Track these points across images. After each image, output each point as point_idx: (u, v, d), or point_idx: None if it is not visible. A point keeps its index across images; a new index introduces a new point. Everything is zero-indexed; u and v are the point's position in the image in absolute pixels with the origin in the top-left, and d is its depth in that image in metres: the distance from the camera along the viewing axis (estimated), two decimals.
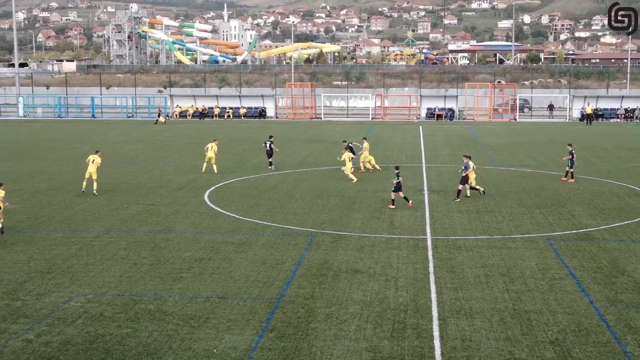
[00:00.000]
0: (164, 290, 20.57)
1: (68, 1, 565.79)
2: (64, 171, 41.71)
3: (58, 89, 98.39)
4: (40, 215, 30.42)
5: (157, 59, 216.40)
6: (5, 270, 22.60)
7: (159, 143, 55.54)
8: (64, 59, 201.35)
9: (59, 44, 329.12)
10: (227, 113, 79.56)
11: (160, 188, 36.65)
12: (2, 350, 16.41)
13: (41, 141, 55.51)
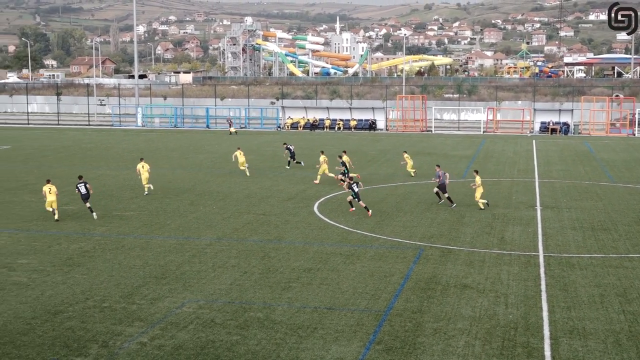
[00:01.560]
0: (273, 299, 20.84)
1: (186, 15, 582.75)
2: (179, 179, 42.87)
3: (175, 99, 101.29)
4: (155, 222, 31.35)
5: (270, 71, 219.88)
6: (122, 274, 23.40)
7: (270, 154, 56.37)
8: (181, 70, 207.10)
9: (177, 56, 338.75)
10: (338, 125, 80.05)
11: (271, 198, 37.18)
12: (118, 352, 16.99)
13: (158, 150, 57.24)
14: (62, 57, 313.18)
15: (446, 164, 50.28)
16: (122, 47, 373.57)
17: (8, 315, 19.54)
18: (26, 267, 24.35)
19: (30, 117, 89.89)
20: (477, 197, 34.46)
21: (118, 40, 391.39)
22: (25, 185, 40.88)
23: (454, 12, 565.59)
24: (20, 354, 16.94)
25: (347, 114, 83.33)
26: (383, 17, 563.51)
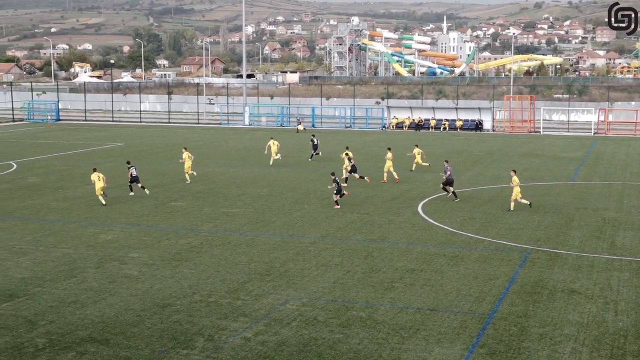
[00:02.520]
0: (376, 299, 20.84)
1: (293, 15, 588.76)
2: (284, 178, 43.36)
3: (281, 99, 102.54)
4: (261, 220, 31.83)
5: (375, 71, 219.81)
6: (228, 270, 23.87)
7: (375, 153, 56.32)
8: (287, 70, 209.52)
9: (284, 56, 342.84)
10: (443, 125, 79.30)
11: (375, 197, 37.17)
12: (223, 347, 17.34)
13: (264, 149, 58.08)
14: (174, 57, 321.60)
15: (555, 166, 49.17)
16: (231, 47, 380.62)
17: (119, 306, 20.24)
18: (137, 260, 25.15)
19: (142, 115, 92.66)
20: (512, 196, 33.81)
21: (227, 41, 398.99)
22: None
23: (565, 10, 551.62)
24: (130, 345, 17.51)
25: (452, 114, 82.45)
26: (491, 16, 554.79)
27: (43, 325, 18.86)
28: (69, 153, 56.66)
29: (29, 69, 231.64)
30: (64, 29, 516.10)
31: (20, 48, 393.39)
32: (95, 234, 29.27)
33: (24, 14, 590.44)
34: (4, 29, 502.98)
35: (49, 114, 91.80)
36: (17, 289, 21.88)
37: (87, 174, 44.69)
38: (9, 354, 17.02)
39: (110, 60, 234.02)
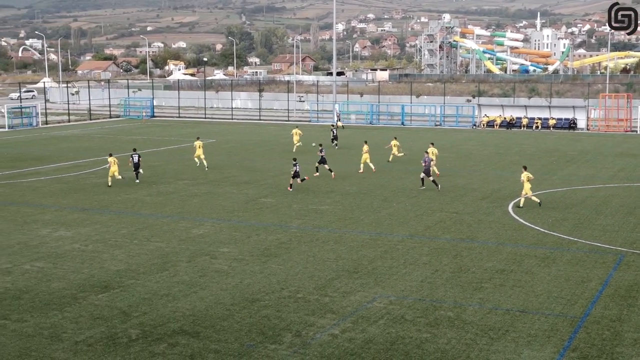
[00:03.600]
0: (464, 299, 20.65)
1: (384, 12, 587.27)
2: (373, 176, 43.32)
3: (371, 96, 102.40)
4: (349, 217, 31.90)
5: (466, 68, 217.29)
6: (317, 267, 24.03)
7: (465, 152, 55.74)
8: (377, 68, 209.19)
9: (374, 53, 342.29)
10: (536, 124, 77.76)
11: (464, 197, 36.78)
12: (310, 342, 17.48)
13: (353, 147, 58.11)
14: (265, 55, 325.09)
15: None
16: (322, 45, 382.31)
17: (210, 300, 20.62)
18: (227, 255, 25.57)
19: (233, 112, 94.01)
20: (523, 192, 33.58)
21: (318, 39, 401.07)
22: (227, 178, 42.86)
23: None
24: (219, 338, 17.83)
25: (545, 113, 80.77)
26: (587, 13, 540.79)
27: (136, 316, 19.39)
28: (163, 149, 57.98)
29: (125, 67, 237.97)
30: (160, 27, 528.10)
31: (118, 46, 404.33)
32: (187, 228, 29.89)
33: (121, 13, 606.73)
34: (102, 28, 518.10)
35: (144, 110, 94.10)
36: (112, 281, 22.56)
37: (181, 170, 45.75)
38: (104, 343, 17.56)
39: (204, 58, 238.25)
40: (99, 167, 47.45)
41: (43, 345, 17.52)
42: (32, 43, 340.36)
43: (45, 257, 25.47)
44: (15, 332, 18.37)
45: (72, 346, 17.43)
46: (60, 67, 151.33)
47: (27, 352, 17.08)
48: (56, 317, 19.37)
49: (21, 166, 47.84)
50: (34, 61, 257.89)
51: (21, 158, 51.84)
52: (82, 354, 16.98)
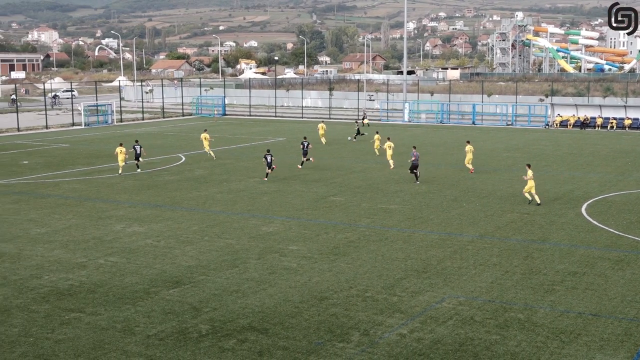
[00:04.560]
0: (535, 301, 20.35)
1: (455, 11, 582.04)
2: (442, 175, 43.00)
3: (441, 95, 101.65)
4: (418, 217, 31.75)
5: (539, 67, 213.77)
6: (385, 266, 23.99)
7: (537, 152, 54.87)
8: (448, 67, 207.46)
9: (445, 52, 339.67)
10: (611, 124, 76.08)
11: None
12: (378, 342, 17.46)
13: (423, 145, 57.81)
14: (335, 54, 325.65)
15: None
16: (392, 43, 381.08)
17: (278, 297, 20.78)
18: (296, 253, 25.72)
19: (304, 110, 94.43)
20: (525, 189, 34.45)
21: (388, 37, 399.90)
22: (297, 176, 43.08)
23: None
24: (288, 335, 17.95)
25: (621, 113, 78.93)
26: None
27: (207, 312, 19.66)
28: (234, 147, 58.62)
29: (198, 66, 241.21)
30: (232, 26, 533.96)
31: (191, 45, 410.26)
32: (257, 225, 30.17)
33: (194, 12, 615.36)
34: (176, 27, 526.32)
35: (215, 109, 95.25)
36: (183, 277, 22.92)
37: (251, 167, 46.19)
38: (175, 338, 17.86)
39: (275, 57, 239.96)
40: (172, 164, 48.24)
41: (116, 338, 17.91)
42: (108, 42, 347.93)
43: (119, 252, 26.03)
44: (89, 324, 18.83)
45: (144, 340, 17.78)
46: (134, 66, 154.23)
47: (100, 345, 17.49)
48: (129, 311, 19.78)
49: (97, 162, 48.97)
50: (109, 60, 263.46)
51: (97, 155, 53.05)
52: (154, 347, 17.31)
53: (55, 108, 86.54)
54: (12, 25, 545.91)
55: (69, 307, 20.14)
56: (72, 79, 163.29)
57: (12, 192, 38.35)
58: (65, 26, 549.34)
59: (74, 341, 17.72)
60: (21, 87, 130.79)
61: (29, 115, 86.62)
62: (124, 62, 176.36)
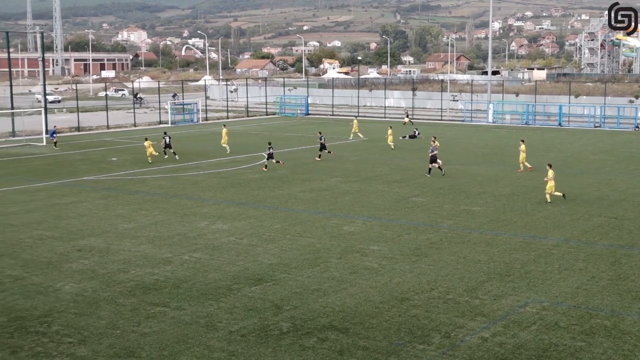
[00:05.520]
0: (622, 308, 19.84)
1: (542, 10, 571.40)
2: (527, 177, 42.29)
3: (527, 96, 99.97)
4: (502, 219, 31.31)
5: (629, 68, 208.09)
6: (467, 268, 23.74)
7: (627, 154, 53.43)
8: (534, 67, 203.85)
9: (531, 52, 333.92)
10: None
11: (625, 201, 35.27)
12: (459, 344, 17.31)
13: (507, 147, 56.99)
14: (419, 54, 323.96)
15: None
16: (477, 43, 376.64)
17: (359, 297, 20.80)
18: (377, 253, 25.69)
19: (386, 110, 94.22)
20: (547, 189, 34.61)
21: (473, 37, 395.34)
22: (379, 176, 43.02)
23: None
24: (368, 335, 17.96)
25: None
26: None
27: (288, 310, 19.82)
28: (316, 146, 58.88)
29: (281, 65, 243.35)
30: (316, 26, 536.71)
31: (275, 45, 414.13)
32: (339, 225, 30.25)
33: (279, 12, 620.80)
34: (260, 27, 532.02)
35: (299, 108, 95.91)
36: (265, 274, 23.17)
37: (333, 167, 46.34)
38: (257, 335, 18.07)
39: (358, 57, 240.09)
40: (256, 162, 48.78)
41: (199, 333, 18.23)
42: (195, 42, 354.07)
43: (202, 249, 26.47)
44: (174, 319, 19.21)
45: (226, 335, 18.05)
46: (220, 66, 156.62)
47: (184, 339, 17.83)
48: (212, 307, 20.10)
49: (182, 160, 49.90)
50: (195, 60, 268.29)
51: (182, 152, 54.05)
52: (236, 343, 17.55)
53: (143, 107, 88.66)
54: (103, 25, 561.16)
55: (154, 301, 20.61)
56: (159, 78, 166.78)
57: (101, 188, 39.43)
58: (153, 26, 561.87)
59: (158, 335, 18.12)
60: (111, 86, 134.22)
61: (118, 113, 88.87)
62: (209, 61, 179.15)
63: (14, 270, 23.93)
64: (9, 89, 70.85)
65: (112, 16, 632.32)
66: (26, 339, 17.95)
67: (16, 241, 27.79)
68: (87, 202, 35.50)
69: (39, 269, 23.98)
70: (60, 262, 24.79)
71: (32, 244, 27.40)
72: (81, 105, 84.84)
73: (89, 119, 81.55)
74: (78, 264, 24.54)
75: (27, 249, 26.68)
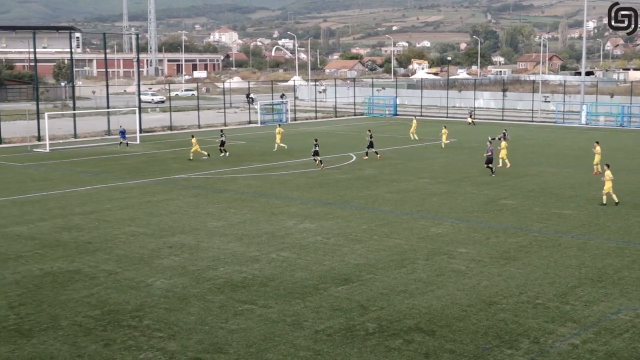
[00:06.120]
0: None
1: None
2: (622, 182, 41.10)
3: (622, 97, 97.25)
4: (594, 223, 30.55)
5: None
6: (557, 273, 23.26)
7: None
8: (630, 67, 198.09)
9: (627, 52, 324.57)
10: None
11: None
12: (549, 351, 16.98)
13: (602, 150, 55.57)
14: (510, 54, 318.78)
15: None
16: (570, 43, 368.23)
17: (446, 300, 20.62)
18: (465, 256, 25.42)
19: (476, 111, 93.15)
20: (604, 190, 34.33)
21: (566, 37, 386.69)
22: (467, 177, 42.55)
23: None
24: (454, 338, 17.79)
25: None
26: None
27: (374, 310, 19.81)
28: (404, 147, 58.70)
29: (370, 66, 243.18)
30: (405, 27, 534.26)
31: (364, 46, 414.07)
32: (426, 226, 30.06)
33: (368, 13, 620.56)
34: (350, 27, 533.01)
35: (387, 109, 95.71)
36: (351, 274, 23.21)
37: (421, 168, 46.09)
38: (342, 334, 18.12)
39: (447, 57, 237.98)
40: (343, 163, 48.92)
41: (286, 331, 18.40)
42: (284, 43, 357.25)
43: (290, 248, 26.70)
44: (261, 317, 19.44)
45: (312, 334, 18.16)
46: (309, 66, 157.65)
47: (271, 337, 18.02)
48: (298, 306, 20.25)
49: (271, 160, 50.45)
50: (285, 60, 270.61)
51: (271, 152, 54.65)
52: (322, 342, 17.63)
53: (252, 109, 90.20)
54: (196, 26, 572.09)
55: (242, 299, 20.89)
56: (249, 79, 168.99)
57: (192, 187, 40.21)
58: (244, 27, 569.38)
59: (246, 332, 18.37)
60: (202, 86, 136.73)
61: (209, 113, 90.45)
62: (298, 62, 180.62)
63: (107, 265, 24.65)
64: (105, 88, 72.94)
65: (204, 17, 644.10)
66: (119, 332, 18.46)
67: (110, 237, 28.61)
68: (178, 200, 36.27)
69: (132, 265, 24.63)
70: (152, 258, 25.40)
71: (126, 240, 28.16)
72: (173, 105, 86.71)
73: (180, 118, 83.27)
74: (169, 261, 25.10)
75: (120, 244, 27.44)
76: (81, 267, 24.33)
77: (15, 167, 48.97)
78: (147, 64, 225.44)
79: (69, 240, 28.17)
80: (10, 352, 17.22)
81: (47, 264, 24.82)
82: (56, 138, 63.97)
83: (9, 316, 19.65)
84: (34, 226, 30.61)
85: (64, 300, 20.88)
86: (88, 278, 23.10)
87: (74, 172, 46.32)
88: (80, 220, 31.74)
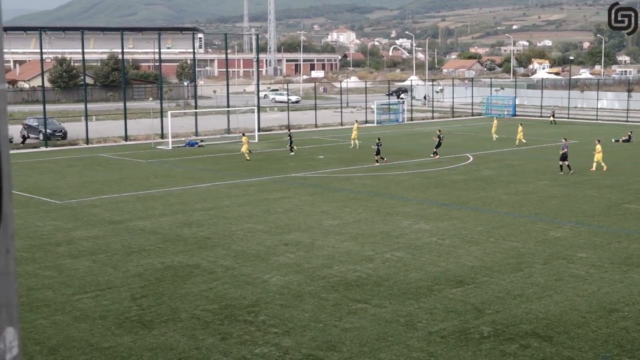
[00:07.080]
0: None
1: None
2: None
3: None
4: None
5: None
6: None
7: None
8: None
9: None
10: None
11: None
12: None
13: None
14: (636, 53, 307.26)
15: None
16: None
17: (564, 305, 20.11)
18: (584, 261, 24.71)
19: (598, 113, 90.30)
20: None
21: None
22: (589, 180, 41.32)
23: None
24: (573, 345, 17.34)
25: None
26: None
27: (489, 314, 19.53)
28: (524, 148, 57.53)
29: (489, 66, 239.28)
30: (525, 25, 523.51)
31: (483, 45, 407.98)
32: (545, 230, 29.38)
33: (488, 12, 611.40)
34: (468, 27, 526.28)
35: (505, 109, 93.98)
36: (466, 276, 22.94)
37: (541, 170, 45.07)
38: (456, 337, 17.95)
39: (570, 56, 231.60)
40: (460, 163, 48.39)
41: (399, 332, 18.37)
42: (402, 42, 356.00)
43: (404, 248, 26.63)
44: (374, 316, 19.48)
45: (426, 336, 18.06)
46: (426, 66, 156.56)
47: (384, 337, 18.03)
48: (412, 307, 20.18)
49: (387, 159, 50.40)
50: (402, 60, 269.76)
51: (387, 152, 54.59)
52: (435, 344, 17.52)
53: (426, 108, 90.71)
54: (314, 27, 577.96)
55: (356, 298, 20.99)
56: (366, 78, 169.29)
57: (308, 185, 40.67)
58: (362, 27, 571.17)
59: (359, 331, 18.45)
60: (320, 85, 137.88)
61: (326, 112, 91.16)
62: (416, 62, 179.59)
63: (225, 260, 25.24)
64: (226, 88, 74.61)
65: (322, 17, 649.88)
66: (235, 326, 18.88)
67: (228, 233, 29.28)
68: (295, 198, 36.75)
69: (249, 261, 25.13)
70: (268, 255, 25.85)
71: (243, 236, 28.76)
72: (291, 105, 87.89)
73: (298, 117, 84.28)
74: (284, 258, 25.47)
75: (238, 240, 28.04)
76: (200, 262, 25.01)
77: (140, 163, 50.77)
78: (267, 63, 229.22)
79: (189, 235, 29.00)
80: (132, 341, 17.89)
81: (168, 257, 25.64)
82: (178, 136, 65.92)
83: (132, 307, 20.40)
84: (157, 221, 31.67)
85: (184, 294, 21.52)
86: (207, 272, 23.72)
87: (195, 169, 47.65)
88: (200, 216, 32.61)
